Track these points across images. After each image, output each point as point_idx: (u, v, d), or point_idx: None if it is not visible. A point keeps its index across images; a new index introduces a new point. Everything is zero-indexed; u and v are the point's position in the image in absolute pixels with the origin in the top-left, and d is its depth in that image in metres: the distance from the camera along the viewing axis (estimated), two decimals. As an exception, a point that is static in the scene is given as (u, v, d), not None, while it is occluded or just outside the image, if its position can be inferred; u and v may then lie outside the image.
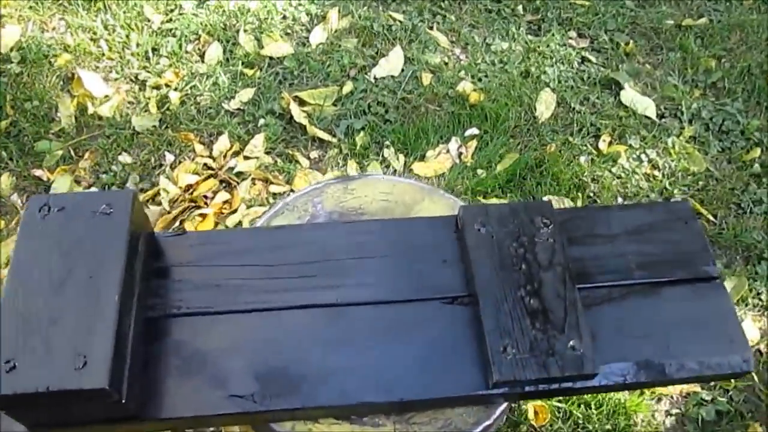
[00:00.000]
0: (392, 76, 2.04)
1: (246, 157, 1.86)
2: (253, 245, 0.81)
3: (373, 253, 0.80)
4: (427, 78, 2.03)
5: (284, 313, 0.76)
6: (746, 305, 1.65)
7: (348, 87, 2.01)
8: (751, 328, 1.60)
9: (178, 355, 0.73)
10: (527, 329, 0.73)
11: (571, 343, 0.72)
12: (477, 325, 0.74)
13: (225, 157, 1.86)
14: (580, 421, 1.46)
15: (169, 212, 1.72)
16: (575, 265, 0.80)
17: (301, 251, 0.80)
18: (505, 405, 0.75)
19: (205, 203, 1.76)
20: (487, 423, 0.73)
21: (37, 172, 1.80)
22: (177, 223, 1.72)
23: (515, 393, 0.72)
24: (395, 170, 1.83)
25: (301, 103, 1.97)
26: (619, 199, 1.80)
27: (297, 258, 0.80)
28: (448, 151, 1.88)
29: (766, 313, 1.63)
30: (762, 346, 1.58)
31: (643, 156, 1.90)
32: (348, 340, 0.74)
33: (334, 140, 1.90)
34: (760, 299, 1.65)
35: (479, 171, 1.84)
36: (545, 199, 1.76)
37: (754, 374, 1.53)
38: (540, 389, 0.72)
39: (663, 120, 2.00)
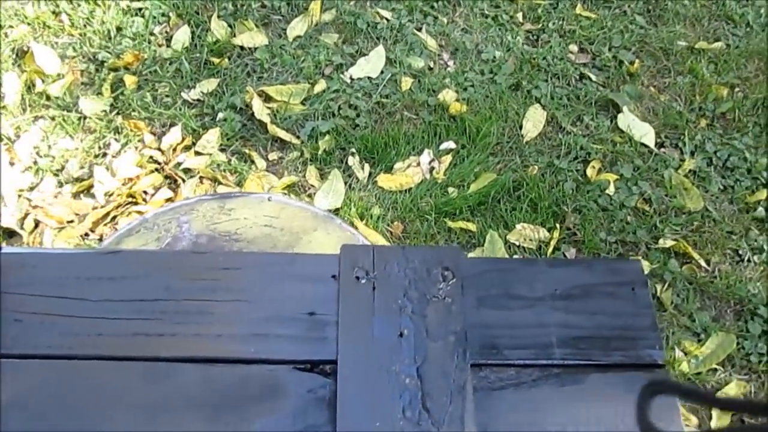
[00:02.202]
0: (370, 78, 1.87)
1: (198, 153, 1.70)
2: (78, 273, 0.65)
3: (227, 296, 0.64)
4: (407, 83, 1.86)
5: (95, 364, 0.59)
6: (732, 366, 1.46)
7: (320, 86, 1.84)
8: (734, 393, 1.41)
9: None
10: (393, 418, 0.55)
11: (449, 442, 0.54)
12: (336, 405, 0.57)
13: (175, 151, 1.70)
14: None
15: (102, 206, 1.57)
16: (478, 333, 0.62)
17: (135, 286, 0.64)
18: None
19: (144, 200, 1.61)
20: None
21: (-31, 151, 1.66)
22: (109, 220, 1.56)
23: (372, 500, 0.55)
24: (358, 180, 1.67)
25: (267, 98, 1.81)
26: (602, 234, 1.62)
27: (127, 294, 0.63)
28: (418, 164, 1.71)
29: (753, 377, 1.44)
30: (746, 415, 1.39)
31: (634, 188, 1.71)
32: (164, 408, 0.58)
33: (297, 142, 1.73)
34: (749, 360, 1.46)
35: (450, 189, 1.66)
36: (518, 227, 1.58)
37: (732, 449, 1.34)
38: (406, 498, 0.55)
39: (662, 150, 1.81)
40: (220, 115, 1.76)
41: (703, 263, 1.61)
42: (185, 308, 0.63)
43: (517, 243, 1.56)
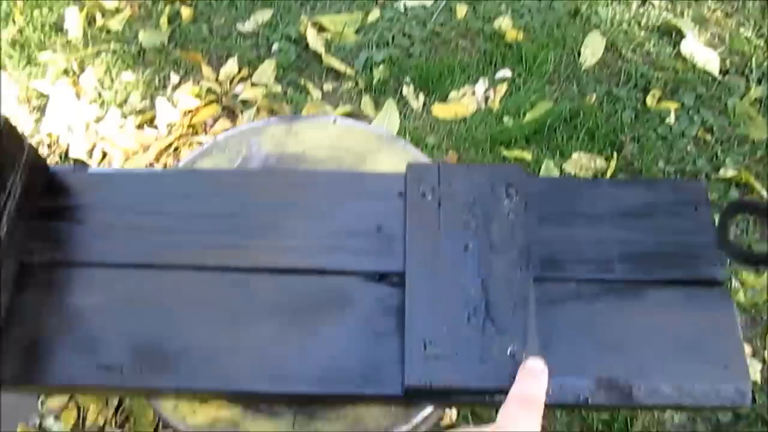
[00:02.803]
0: (424, 6, 1.84)
1: (254, 84, 1.72)
2: (160, 190, 0.69)
3: (297, 212, 0.67)
4: (462, 10, 1.82)
5: (177, 273, 0.64)
6: (788, 300, 1.44)
7: (374, 14, 1.82)
8: (791, 324, 1.40)
9: (53, 310, 0.63)
10: (460, 324, 0.58)
11: (512, 347, 0.57)
12: (404, 312, 0.61)
13: (232, 82, 1.73)
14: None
15: (165, 137, 1.62)
16: (542, 249, 0.64)
17: (213, 202, 0.68)
18: (430, 410, 0.62)
19: (205, 131, 1.65)
20: (404, 428, 0.61)
21: (38, 85, 1.72)
22: (172, 150, 1.61)
23: (438, 399, 0.59)
24: (413, 110, 1.67)
25: (321, 29, 1.80)
26: (661, 163, 1.59)
27: (206, 209, 0.67)
28: (473, 93, 1.70)
29: (812, 310, 1.43)
30: (801, 346, 1.39)
31: (696, 116, 1.67)
32: (245, 314, 0.62)
33: (351, 72, 1.74)
34: (807, 294, 1.44)
35: (505, 118, 1.65)
36: (574, 156, 1.57)
37: (786, 377, 1.34)
38: (471, 399, 0.58)
39: (726, 77, 1.75)
40: (275, 46, 1.77)
41: (764, 193, 1.57)
42: (259, 223, 0.66)
43: (573, 172, 1.55)
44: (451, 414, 1.28)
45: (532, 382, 0.53)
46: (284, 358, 0.60)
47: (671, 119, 1.66)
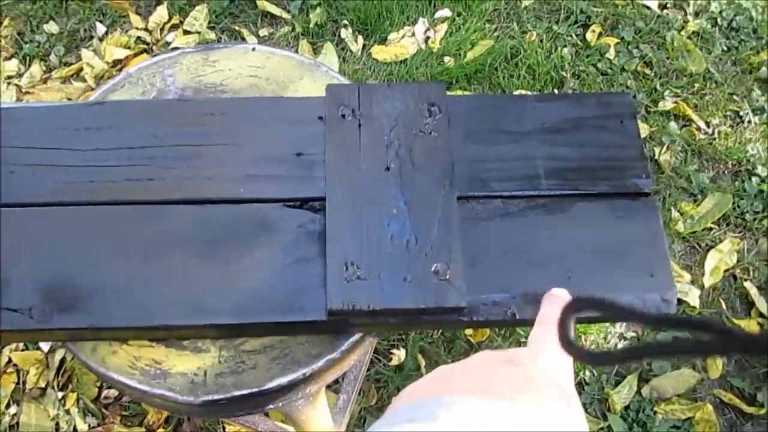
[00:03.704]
0: (360, -54, 1.78)
1: (186, 32, 1.65)
2: (67, 125, 0.65)
3: (214, 141, 0.64)
4: (399, -51, 1.77)
5: (87, 210, 0.61)
6: (727, 224, 1.48)
7: (309, -45, 1.76)
8: (727, 250, 1.44)
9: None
10: (383, 245, 0.57)
11: (436, 266, 0.56)
12: (325, 236, 0.59)
13: (162, 30, 1.66)
14: (523, 339, 1.34)
15: (93, 89, 1.55)
16: (467, 167, 0.63)
17: (124, 135, 0.64)
18: (357, 337, 0.60)
19: (135, 81, 1.58)
20: (332, 356, 0.59)
21: (-48, 39, 1.62)
22: (102, 102, 1.54)
23: (364, 322, 0.58)
24: (352, 53, 1.63)
25: (254, -28, 1.73)
26: (601, 99, 1.59)
27: (116, 142, 0.63)
28: (413, 34, 1.66)
29: (747, 235, 1.47)
30: (738, 271, 1.43)
31: (635, 51, 1.67)
32: (161, 247, 0.59)
33: (287, 16, 1.68)
34: (744, 219, 1.48)
35: (446, 58, 1.62)
36: (517, 93, 1.56)
37: (722, 301, 1.39)
38: (397, 321, 0.57)
39: (665, 11, 1.75)
40: (207, -9, 1.69)
41: (702, 125, 1.59)
42: (174, 153, 0.63)
43: (515, 110, 1.54)
44: (399, 354, 1.29)
45: (557, 307, 0.52)
46: (203, 290, 0.58)
47: (611, 54, 1.65)
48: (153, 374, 0.59)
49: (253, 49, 0.73)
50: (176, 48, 1.56)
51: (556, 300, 0.53)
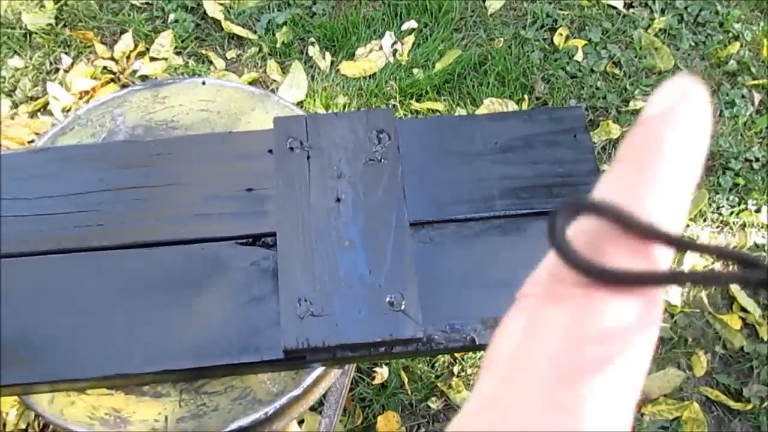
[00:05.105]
0: (323, -38, 1.78)
1: (153, 58, 1.65)
2: (10, 173, 0.63)
3: (162, 181, 0.63)
4: (363, -37, 1.77)
5: (35, 261, 0.59)
6: (704, 220, 1.48)
7: (272, -25, 1.75)
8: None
9: None
10: (335, 279, 0.56)
11: (390, 297, 0.55)
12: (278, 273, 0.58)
13: (129, 58, 1.65)
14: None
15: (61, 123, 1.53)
16: (419, 192, 0.62)
17: (72, 180, 0.63)
18: (320, 370, 0.60)
19: (104, 112, 1.57)
20: (295, 393, 0.58)
21: None
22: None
23: (322, 358, 0.57)
24: (320, 70, 1.62)
25: (218, -6, 1.72)
26: (572, 101, 1.60)
27: (62, 189, 0.62)
28: (381, 48, 1.66)
29: (724, 229, 1.47)
30: (717, 266, 1.43)
31: (603, 52, 1.67)
32: (114, 294, 0.58)
33: (254, 37, 1.67)
34: (720, 214, 1.48)
35: (415, 70, 1.62)
36: (486, 102, 1.56)
37: (704, 297, 1.38)
38: (356, 355, 0.56)
39: (631, 10, 1.76)
40: (172, 17, 1.69)
41: (674, 122, 1.59)
42: (121, 197, 0.62)
43: (486, 119, 1.54)
44: (383, 372, 1.28)
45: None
46: (159, 335, 0.57)
47: (579, 56, 1.66)
48: (113, 423, 0.58)
49: (203, 83, 0.73)
50: (126, 86, 1.55)
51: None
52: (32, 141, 1.52)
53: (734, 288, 1.40)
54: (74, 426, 0.58)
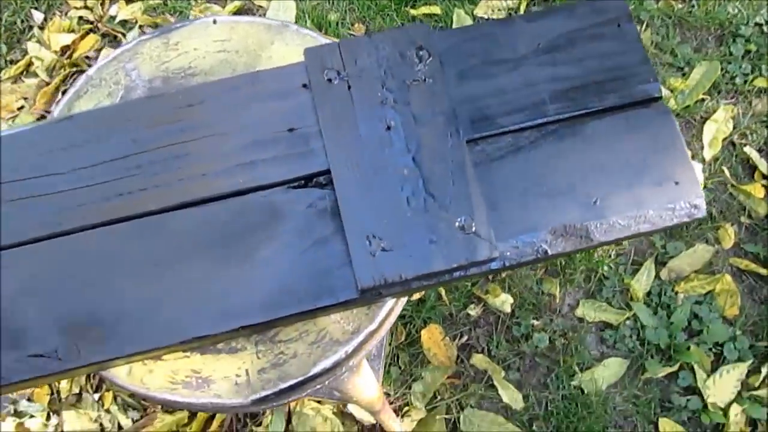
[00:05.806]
0: None
1: (129, 1, 1.56)
2: (38, 150, 0.60)
3: (198, 134, 0.60)
4: None
5: (83, 236, 0.57)
6: (719, 92, 1.45)
7: None
8: (722, 119, 1.41)
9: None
10: (401, 210, 0.54)
11: (460, 221, 0.54)
12: (339, 212, 0.56)
13: (104, 5, 1.56)
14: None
15: (48, 83, 1.47)
16: (467, 108, 0.59)
17: (104, 147, 0.60)
18: (392, 302, 0.59)
19: (89, 65, 1.50)
20: (371, 328, 0.58)
21: None
22: (60, 96, 1.47)
23: (397, 291, 0.56)
24: (306, -9, 1.54)
25: None
26: (571, -13, 1.53)
27: (95, 158, 0.59)
28: (365, -42, 1.57)
29: (739, 99, 1.44)
30: (736, 137, 1.41)
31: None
32: (170, 259, 0.56)
33: (231, -37, 1.58)
34: (734, 83, 1.45)
35: (404, -23, 1.54)
36: None
37: (725, 169, 1.38)
38: (430, 283, 0.55)
39: None
40: (140, -47, 1.58)
41: (678, -7, 1.53)
42: (160, 156, 0.59)
43: (486, 16, 1.48)
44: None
45: None
46: (224, 293, 0.56)
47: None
48: (196, 385, 0.58)
49: (214, 21, 0.68)
50: (106, 35, 1.48)
51: None
52: (22, 107, 1.47)
53: (754, 156, 1.39)
54: (158, 393, 0.57)
